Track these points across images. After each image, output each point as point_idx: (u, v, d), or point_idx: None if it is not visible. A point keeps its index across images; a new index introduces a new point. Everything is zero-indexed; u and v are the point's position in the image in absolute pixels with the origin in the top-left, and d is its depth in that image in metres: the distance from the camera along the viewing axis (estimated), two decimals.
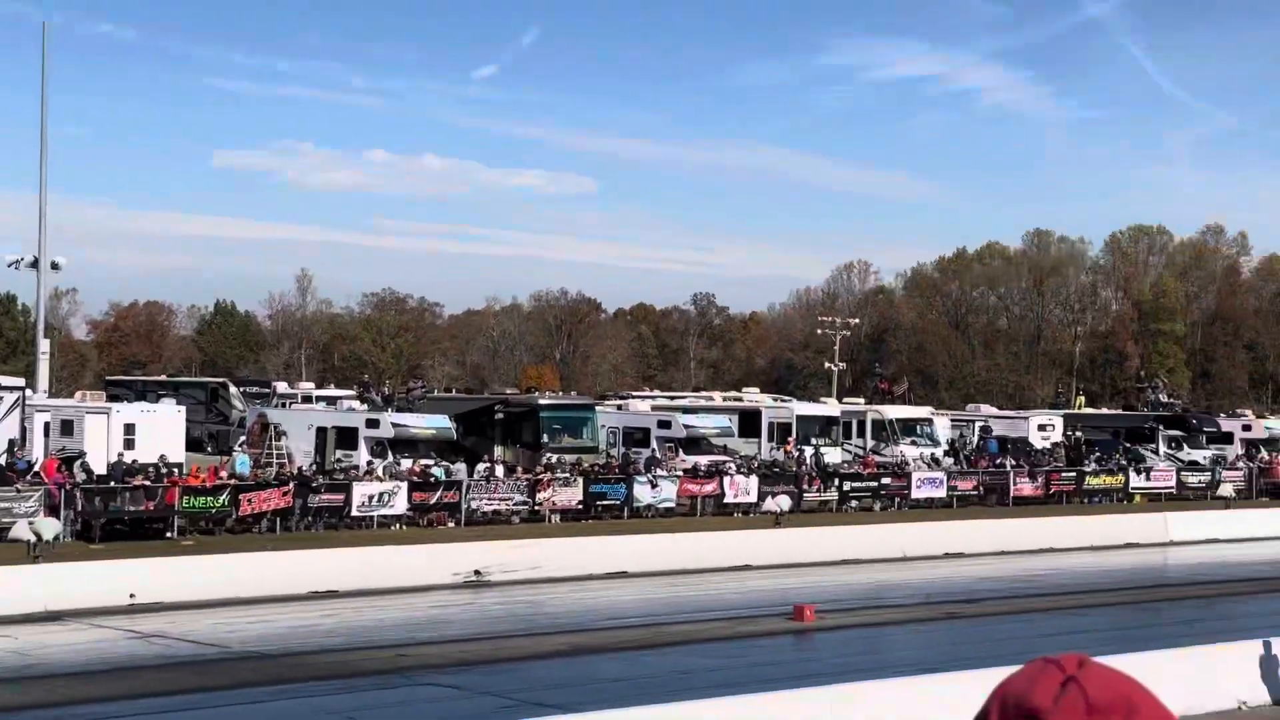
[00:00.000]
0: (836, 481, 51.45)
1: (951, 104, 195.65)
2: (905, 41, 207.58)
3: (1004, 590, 36.69)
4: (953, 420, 66.26)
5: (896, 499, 52.18)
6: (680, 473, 49.25)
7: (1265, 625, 25.33)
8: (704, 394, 78.94)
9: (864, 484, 52.23)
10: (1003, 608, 33.61)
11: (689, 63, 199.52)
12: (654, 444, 53.44)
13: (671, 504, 47.53)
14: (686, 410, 59.99)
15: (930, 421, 61.72)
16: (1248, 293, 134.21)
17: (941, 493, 53.11)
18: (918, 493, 52.45)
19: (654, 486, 47.38)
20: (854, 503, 51.23)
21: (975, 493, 54.09)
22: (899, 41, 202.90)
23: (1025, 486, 54.76)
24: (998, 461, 57.52)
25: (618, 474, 48.40)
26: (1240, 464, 62.72)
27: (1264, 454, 64.75)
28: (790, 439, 56.46)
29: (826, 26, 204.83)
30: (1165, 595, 36.86)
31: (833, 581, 37.38)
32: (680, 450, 53.13)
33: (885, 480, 52.66)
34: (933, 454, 57.27)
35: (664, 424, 55.53)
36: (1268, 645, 22.75)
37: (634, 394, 74.52)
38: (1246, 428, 68.54)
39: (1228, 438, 66.65)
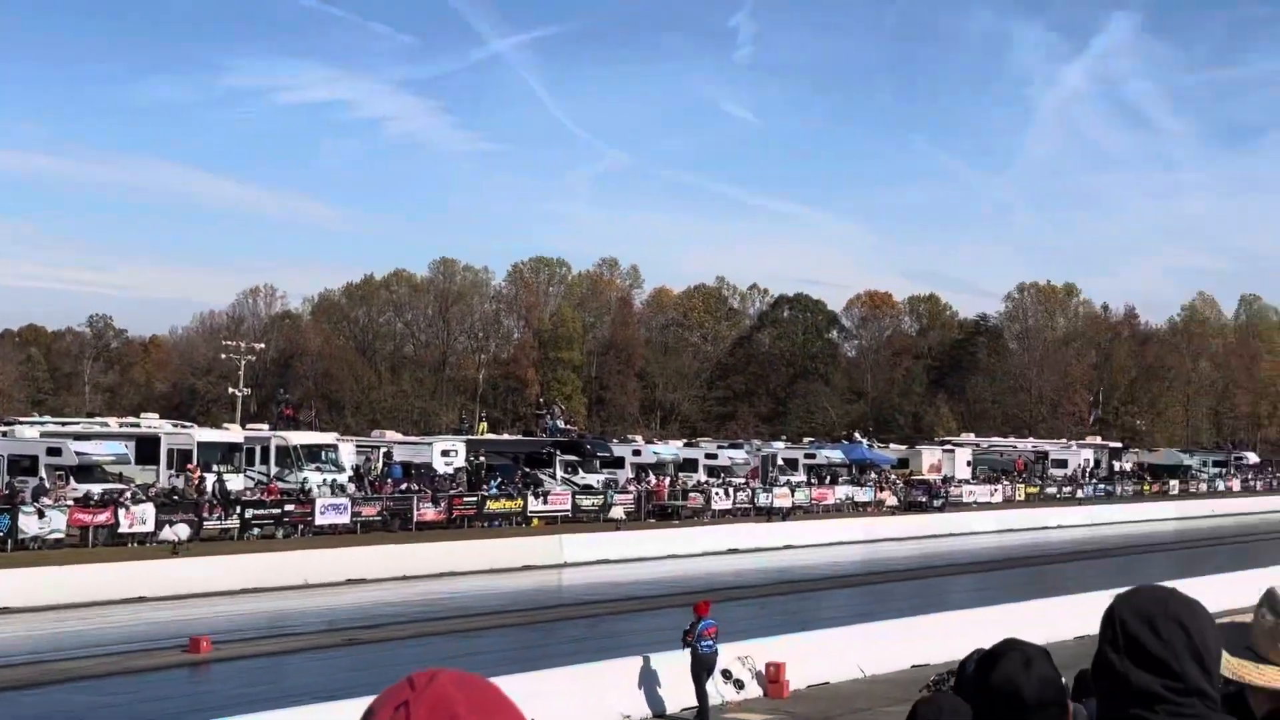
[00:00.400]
0: (239, 509, 50.31)
1: (360, 131, 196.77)
2: (314, 66, 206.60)
3: (406, 615, 36.99)
4: (358, 446, 66.32)
5: (300, 526, 51.55)
6: (71, 502, 46.79)
7: (647, 642, 26.67)
8: (99, 420, 75.54)
9: (267, 511, 51.32)
10: (404, 632, 33.85)
11: (86, 76, 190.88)
12: (42, 472, 50.74)
13: (61, 535, 45.03)
14: (79, 437, 57.28)
15: (335, 447, 61.48)
16: (639, 324, 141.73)
17: (346, 519, 52.90)
18: (322, 519, 52.01)
19: (41, 517, 44.74)
20: (256, 530, 50.23)
21: (379, 518, 54.18)
22: (308, 66, 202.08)
23: (429, 511, 55.37)
24: (402, 487, 58.00)
25: (1, 504, 45.45)
26: (631, 487, 65.95)
27: (652, 478, 68.46)
28: (191, 465, 54.85)
29: (233, 46, 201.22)
30: (559, 615, 38.18)
31: (233, 611, 36.63)
32: (71, 478, 50.60)
33: (289, 507, 51.92)
34: (337, 480, 57.06)
35: (54, 451, 52.77)
36: (647, 660, 23.99)
37: (21, 420, 70.39)
38: (637, 453, 72.32)
39: (620, 462, 70.09)
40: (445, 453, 64.82)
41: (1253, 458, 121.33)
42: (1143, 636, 2.68)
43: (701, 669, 23.14)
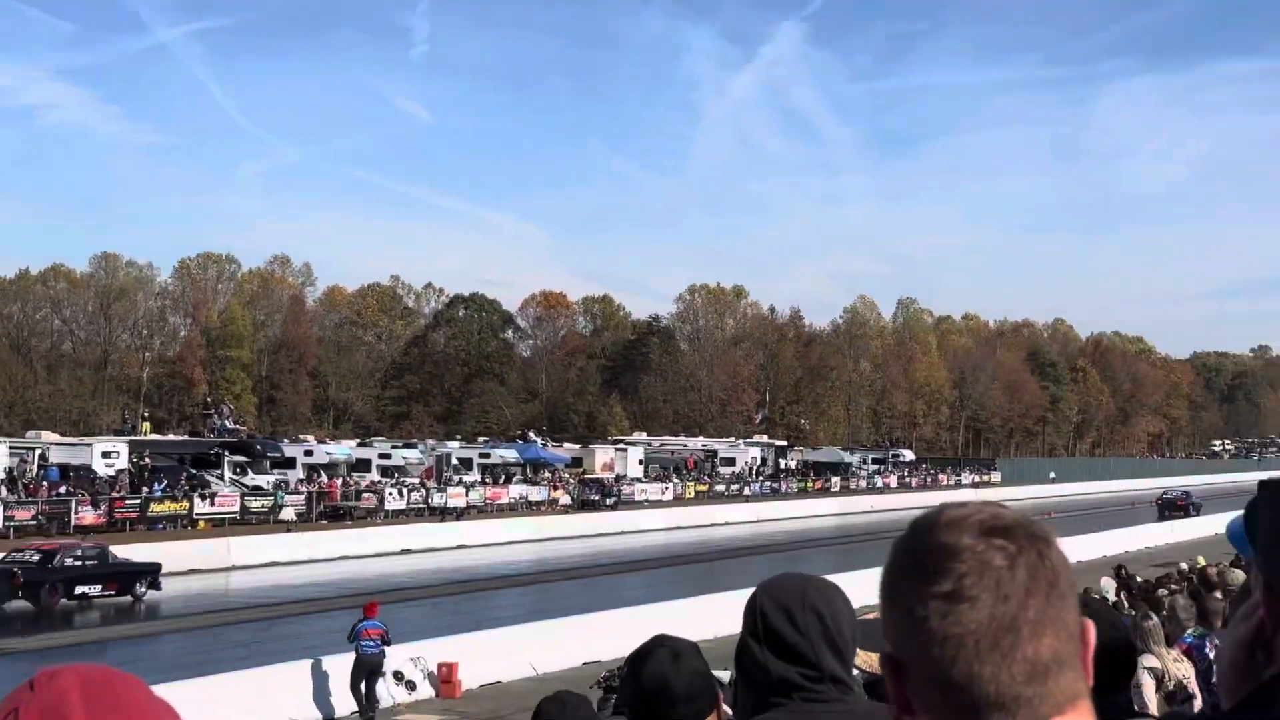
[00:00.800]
0: None
1: (12, 119, 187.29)
2: None
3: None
4: (11, 448, 63.29)
5: None
6: None
7: (317, 644, 26.31)
8: None
9: None
10: (62, 640, 32.53)
11: None
12: None
13: None
14: None
15: None
16: (312, 322, 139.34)
17: None
18: None
19: None
20: None
21: (35, 522, 51.95)
22: None
23: (88, 515, 53.37)
24: (60, 489, 55.71)
25: None
26: (302, 488, 64.88)
27: (324, 478, 67.44)
28: None
29: None
30: (227, 619, 37.22)
31: None
32: None
33: None
34: None
35: None
36: (318, 663, 23.67)
37: None
38: (309, 453, 71.08)
39: (291, 463, 68.75)
40: (106, 454, 62.42)
41: (909, 455, 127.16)
42: (780, 626, 2.80)
43: (362, 670, 22.95)
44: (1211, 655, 9.08)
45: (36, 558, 39.09)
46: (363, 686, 23.06)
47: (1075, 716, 1.46)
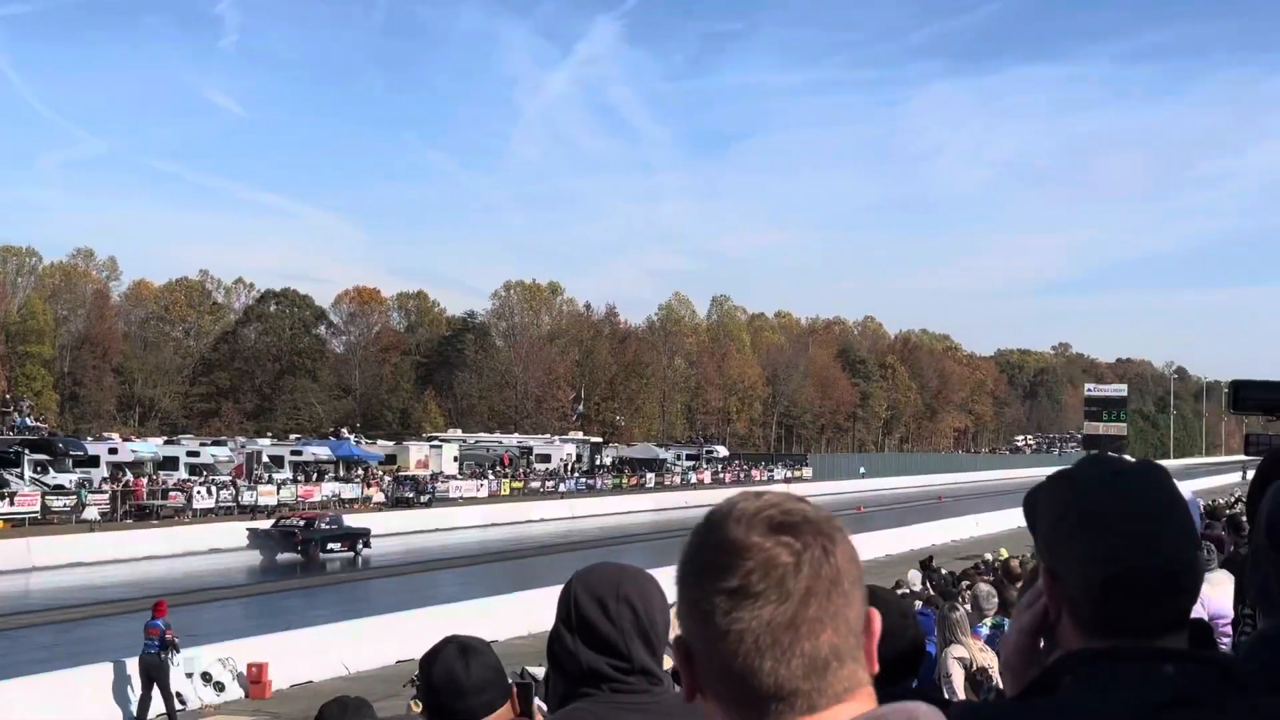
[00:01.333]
0: None
1: None
2: None
3: None
4: None
5: None
6: None
7: (122, 646, 25.72)
8: None
9: None
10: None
11: None
12: None
13: None
14: None
15: None
16: (117, 317, 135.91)
17: None
18: None
19: None
20: None
21: None
22: None
23: None
24: None
25: None
26: (106, 486, 63.32)
27: (130, 476, 65.88)
28: None
29: None
30: (26, 622, 36.21)
31: None
32: None
33: None
34: None
35: None
36: (120, 666, 23.17)
37: None
38: (113, 450, 69.31)
39: (94, 461, 67.00)
40: None
41: (722, 451, 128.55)
42: (593, 616, 2.83)
43: (143, 671, 22.54)
44: None
45: (301, 523, 53.36)
46: (152, 689, 22.60)
47: (854, 704, 1.51)
